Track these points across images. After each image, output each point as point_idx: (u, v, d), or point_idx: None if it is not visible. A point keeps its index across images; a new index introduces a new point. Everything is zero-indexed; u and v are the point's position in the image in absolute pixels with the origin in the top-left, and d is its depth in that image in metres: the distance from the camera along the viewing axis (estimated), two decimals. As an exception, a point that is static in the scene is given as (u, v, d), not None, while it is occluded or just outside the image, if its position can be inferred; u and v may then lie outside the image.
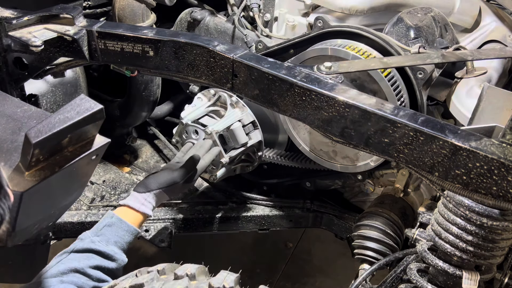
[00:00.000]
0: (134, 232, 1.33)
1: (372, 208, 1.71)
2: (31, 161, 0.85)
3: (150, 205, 1.41)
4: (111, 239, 1.26)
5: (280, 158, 1.83)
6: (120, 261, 1.24)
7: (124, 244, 1.28)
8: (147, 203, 1.40)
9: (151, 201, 1.41)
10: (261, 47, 1.66)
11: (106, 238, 1.25)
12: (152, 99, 2.06)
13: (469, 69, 1.37)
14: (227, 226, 1.99)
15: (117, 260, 1.22)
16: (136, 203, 1.38)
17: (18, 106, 1.06)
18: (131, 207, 1.38)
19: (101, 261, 1.20)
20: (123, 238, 1.28)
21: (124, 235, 1.29)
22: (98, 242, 1.23)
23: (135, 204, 1.38)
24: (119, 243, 1.27)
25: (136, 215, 1.38)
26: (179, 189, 1.48)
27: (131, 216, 1.37)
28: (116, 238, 1.27)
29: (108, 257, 1.21)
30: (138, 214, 1.38)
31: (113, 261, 1.22)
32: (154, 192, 1.41)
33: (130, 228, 1.31)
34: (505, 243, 1.08)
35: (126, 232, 1.30)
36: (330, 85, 1.09)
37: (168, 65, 1.32)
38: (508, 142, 0.90)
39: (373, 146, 1.05)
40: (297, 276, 2.68)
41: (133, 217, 1.37)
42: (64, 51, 1.37)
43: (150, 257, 2.59)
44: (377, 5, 1.58)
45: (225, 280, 1.27)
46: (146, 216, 1.39)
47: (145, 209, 1.39)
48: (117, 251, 1.24)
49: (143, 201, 1.39)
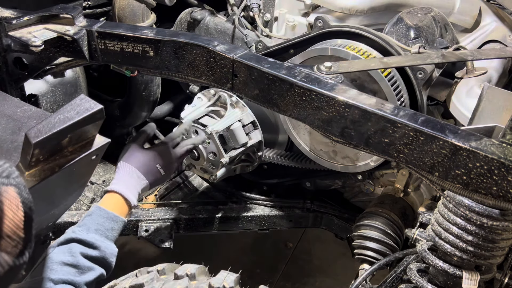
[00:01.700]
0: (114, 218, 1.30)
1: (372, 208, 1.71)
2: (31, 161, 0.85)
3: (134, 190, 1.40)
4: (91, 227, 1.25)
5: (280, 158, 1.83)
6: (104, 248, 1.22)
7: (106, 231, 1.26)
8: (131, 186, 1.39)
9: (135, 184, 1.40)
10: (261, 47, 1.66)
11: (87, 227, 1.24)
12: (152, 99, 2.06)
13: (469, 69, 1.37)
14: (227, 226, 1.99)
15: (99, 247, 1.21)
16: (116, 186, 1.37)
17: (18, 106, 1.06)
18: (113, 190, 1.36)
19: (83, 249, 1.19)
20: (103, 225, 1.26)
21: (104, 222, 1.27)
22: (78, 232, 1.22)
23: (115, 187, 1.37)
24: (100, 230, 1.25)
25: (118, 198, 1.36)
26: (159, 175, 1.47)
27: (113, 200, 1.35)
28: (96, 225, 1.26)
29: (89, 244, 1.20)
30: (119, 198, 1.36)
31: (95, 249, 1.20)
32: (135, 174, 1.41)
33: (109, 214, 1.29)
34: (505, 243, 1.08)
35: (105, 219, 1.28)
36: (330, 85, 1.09)
37: (168, 65, 1.32)
38: (508, 142, 0.90)
39: (373, 146, 1.05)
40: (297, 276, 2.68)
41: (115, 201, 1.35)
42: (64, 51, 1.36)
43: (150, 257, 2.59)
44: (377, 5, 1.58)
45: (225, 280, 1.28)
46: (127, 200, 1.37)
47: (127, 193, 1.37)
48: (98, 238, 1.23)
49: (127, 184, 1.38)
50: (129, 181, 1.40)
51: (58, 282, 1.12)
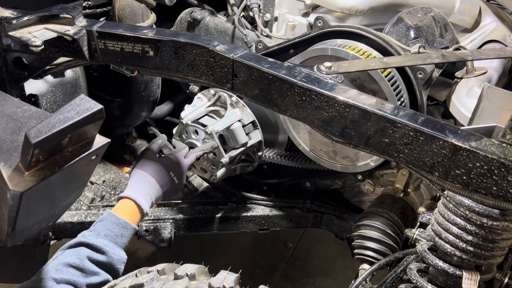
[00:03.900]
0: (125, 225, 1.31)
1: (372, 208, 1.71)
2: (31, 161, 0.85)
3: (148, 197, 1.40)
4: (101, 233, 1.26)
5: (280, 158, 1.83)
6: (111, 254, 1.22)
7: (116, 237, 1.27)
8: (145, 194, 1.40)
9: (149, 192, 1.41)
10: (261, 47, 1.66)
11: (97, 232, 1.26)
12: (152, 99, 2.06)
13: (469, 69, 1.37)
14: (227, 226, 1.99)
15: (106, 252, 1.22)
16: (129, 192, 1.38)
17: (18, 106, 1.06)
18: (126, 196, 1.38)
19: (90, 253, 1.20)
20: (112, 231, 1.28)
21: (114, 228, 1.28)
22: (88, 236, 1.23)
23: (129, 193, 1.38)
24: (109, 236, 1.27)
25: (130, 205, 1.37)
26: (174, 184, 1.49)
27: (126, 207, 1.36)
28: (106, 231, 1.27)
29: (97, 249, 1.21)
30: (132, 204, 1.37)
31: (102, 254, 1.21)
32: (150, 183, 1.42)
33: (119, 221, 1.30)
34: (505, 243, 1.08)
35: (115, 225, 1.29)
36: (330, 85, 1.09)
37: (168, 65, 1.32)
38: (508, 142, 0.90)
39: (373, 146, 1.05)
40: (297, 276, 2.68)
41: (127, 208, 1.36)
42: (64, 51, 1.36)
43: (150, 257, 2.59)
44: (377, 5, 1.58)
45: (225, 280, 1.27)
46: (139, 206, 1.37)
47: (140, 199, 1.38)
48: (107, 243, 1.24)
49: (141, 192, 1.39)
50: (143, 188, 1.41)
51: (60, 281, 1.13)
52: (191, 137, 1.67)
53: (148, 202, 1.40)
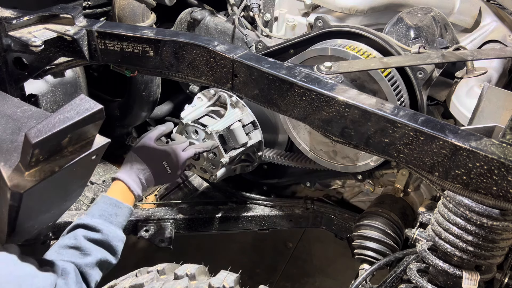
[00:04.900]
0: (117, 204, 1.35)
1: (372, 208, 1.71)
2: (31, 161, 0.85)
3: (137, 178, 1.44)
4: (95, 214, 1.31)
5: (280, 158, 1.83)
6: (106, 231, 1.27)
7: (109, 216, 1.32)
8: (136, 177, 1.43)
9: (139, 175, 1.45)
10: (261, 47, 1.66)
11: (92, 214, 1.31)
12: (152, 99, 2.06)
13: (469, 69, 1.37)
14: (227, 226, 1.99)
15: (101, 230, 1.26)
16: (119, 174, 1.43)
17: (18, 106, 1.06)
18: (116, 178, 1.42)
19: (85, 232, 1.24)
20: (106, 211, 1.32)
21: (107, 208, 1.33)
22: (83, 218, 1.29)
23: (120, 175, 1.42)
24: (103, 216, 1.31)
25: (121, 186, 1.41)
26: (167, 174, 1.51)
27: (117, 188, 1.41)
28: (100, 211, 1.32)
29: (91, 228, 1.26)
30: (123, 185, 1.41)
31: (97, 232, 1.25)
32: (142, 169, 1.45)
33: (111, 200, 1.35)
34: (505, 243, 1.08)
35: (108, 205, 1.34)
36: (330, 85, 1.09)
37: (168, 65, 1.32)
38: (508, 142, 0.90)
39: (373, 146, 1.05)
40: (297, 276, 2.68)
41: (119, 189, 1.41)
42: (64, 51, 1.36)
43: (150, 257, 2.59)
44: (377, 5, 1.58)
45: (225, 280, 1.28)
46: (130, 189, 1.41)
47: (129, 180, 1.42)
48: (101, 222, 1.29)
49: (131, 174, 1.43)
50: (132, 170, 1.44)
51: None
52: (191, 137, 1.67)
53: (138, 185, 1.44)
